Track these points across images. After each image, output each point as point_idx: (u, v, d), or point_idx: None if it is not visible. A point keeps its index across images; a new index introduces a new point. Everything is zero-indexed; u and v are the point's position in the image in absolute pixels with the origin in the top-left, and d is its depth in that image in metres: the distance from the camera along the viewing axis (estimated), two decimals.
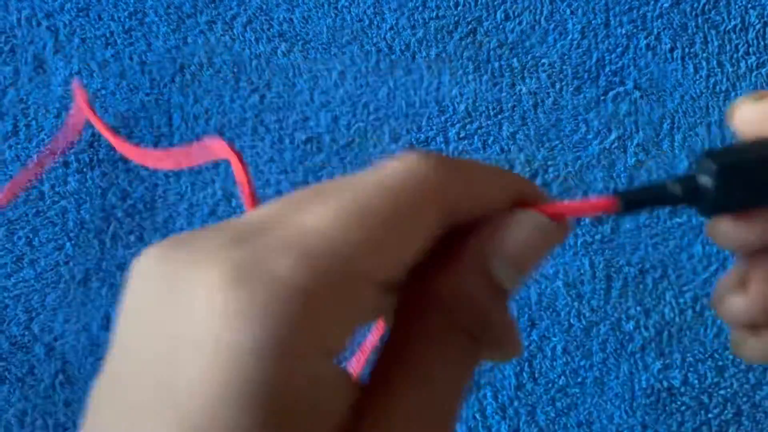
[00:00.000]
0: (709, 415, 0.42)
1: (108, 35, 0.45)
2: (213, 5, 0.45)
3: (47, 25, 0.46)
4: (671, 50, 0.45)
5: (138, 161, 0.29)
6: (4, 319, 0.43)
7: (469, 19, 0.45)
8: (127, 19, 0.46)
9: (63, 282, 0.43)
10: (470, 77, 0.45)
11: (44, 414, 0.42)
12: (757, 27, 0.45)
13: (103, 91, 0.45)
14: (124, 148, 0.30)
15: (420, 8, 0.45)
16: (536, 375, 0.43)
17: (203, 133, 0.44)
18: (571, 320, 0.43)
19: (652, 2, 0.45)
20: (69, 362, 0.42)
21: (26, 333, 0.43)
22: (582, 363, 0.43)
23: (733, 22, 0.45)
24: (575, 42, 0.45)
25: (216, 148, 0.26)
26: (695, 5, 0.45)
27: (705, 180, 0.18)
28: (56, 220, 0.44)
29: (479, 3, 0.45)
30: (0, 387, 0.42)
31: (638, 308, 0.43)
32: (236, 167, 0.24)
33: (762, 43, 0.44)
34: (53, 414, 0.42)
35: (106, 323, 0.42)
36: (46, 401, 0.42)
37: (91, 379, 0.42)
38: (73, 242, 0.43)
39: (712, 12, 0.45)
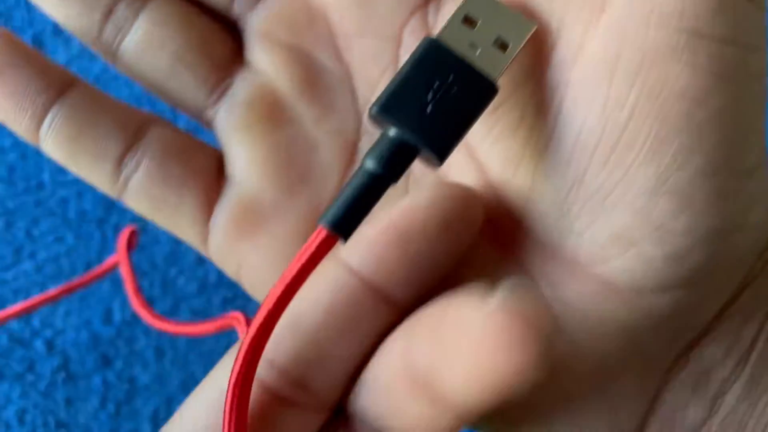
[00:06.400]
0: None
1: None
2: None
3: None
4: None
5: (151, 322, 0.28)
6: None
7: None
8: None
9: (64, 275, 0.42)
10: None
11: (45, 411, 0.41)
12: None
13: (105, 76, 0.44)
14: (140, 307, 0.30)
15: None
16: None
17: None
18: None
19: None
20: (70, 358, 0.41)
21: (26, 328, 0.42)
22: None
23: None
24: None
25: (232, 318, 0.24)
26: None
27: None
28: (56, 210, 0.43)
29: None
30: None
31: None
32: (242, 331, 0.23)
33: None
34: (54, 411, 0.41)
35: (108, 317, 0.42)
36: (47, 398, 0.41)
37: (93, 375, 0.41)
38: (74, 233, 0.42)
39: None
